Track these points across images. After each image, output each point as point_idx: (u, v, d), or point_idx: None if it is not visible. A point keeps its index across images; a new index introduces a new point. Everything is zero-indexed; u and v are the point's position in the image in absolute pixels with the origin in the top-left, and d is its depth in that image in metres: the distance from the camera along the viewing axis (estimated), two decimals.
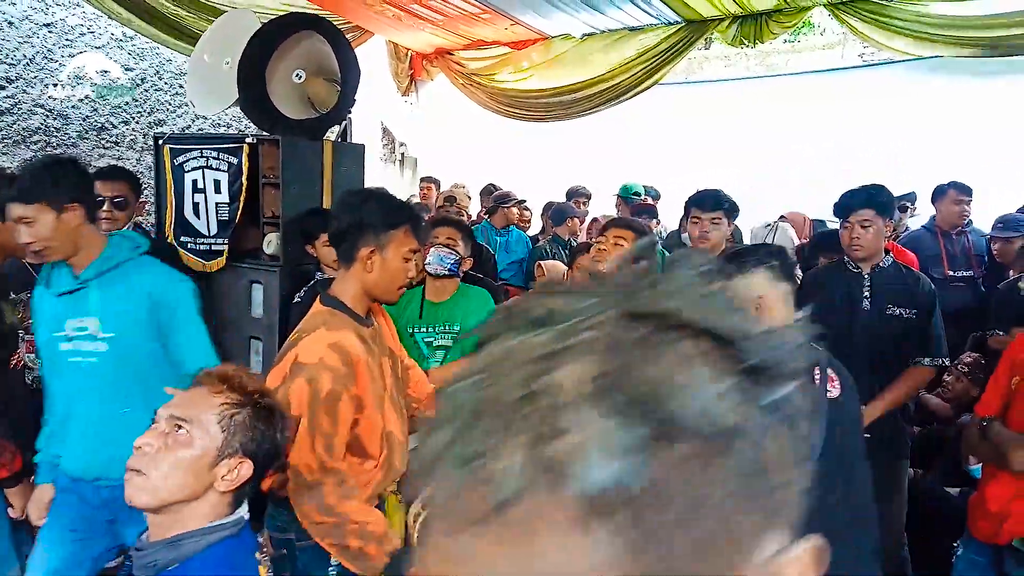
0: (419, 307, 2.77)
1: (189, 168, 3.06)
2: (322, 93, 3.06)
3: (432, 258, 2.68)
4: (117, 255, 2.11)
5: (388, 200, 1.94)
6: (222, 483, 1.22)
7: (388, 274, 1.89)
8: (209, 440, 1.21)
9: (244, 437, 1.24)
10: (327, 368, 1.71)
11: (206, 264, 3.06)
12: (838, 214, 2.83)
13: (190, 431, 1.21)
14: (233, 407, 1.25)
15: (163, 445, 1.19)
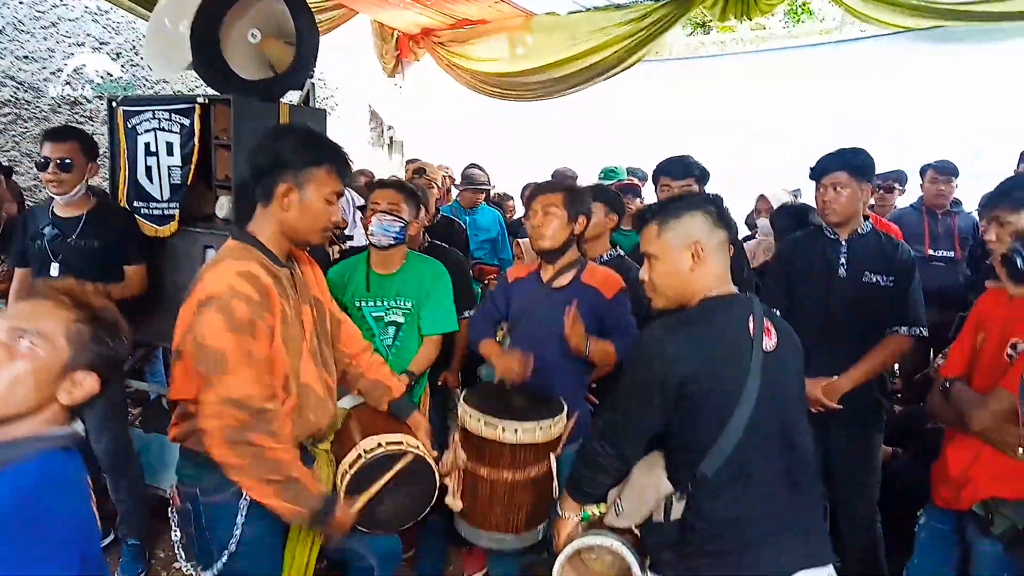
0: (364, 279, 2.65)
1: (142, 131, 2.96)
2: (279, 55, 2.95)
3: (375, 227, 2.57)
4: None
5: (308, 136, 1.83)
6: (66, 396, 1.20)
7: (308, 215, 1.78)
8: (55, 353, 1.18)
9: (91, 351, 1.22)
10: (239, 296, 1.60)
11: (158, 229, 2.96)
12: (812, 177, 2.71)
13: (35, 343, 1.16)
14: (79, 321, 1.21)
15: (8, 356, 1.14)
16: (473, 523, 2.26)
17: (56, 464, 1.16)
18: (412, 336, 2.66)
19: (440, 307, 2.68)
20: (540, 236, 2.42)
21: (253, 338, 1.62)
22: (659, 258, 1.70)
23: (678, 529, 1.60)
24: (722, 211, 1.71)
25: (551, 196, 2.43)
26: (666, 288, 1.71)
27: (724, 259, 1.70)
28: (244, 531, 1.73)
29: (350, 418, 2.11)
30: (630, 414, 1.66)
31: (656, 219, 1.70)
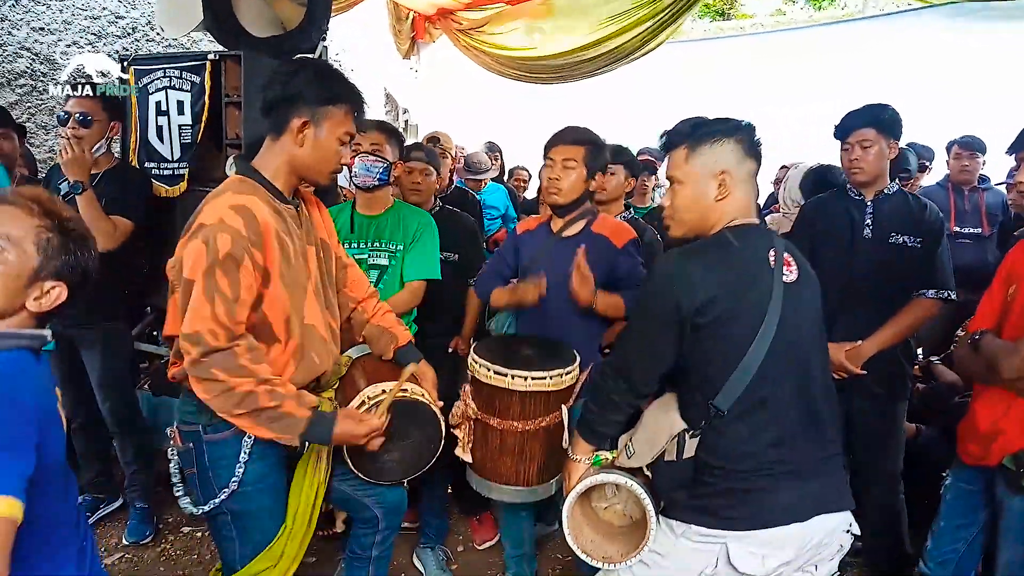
0: (349, 220, 2.59)
1: (153, 89, 2.94)
2: (290, 13, 2.92)
3: (358, 168, 2.50)
4: None
5: (330, 72, 1.78)
6: (34, 304, 1.21)
7: (320, 152, 1.74)
8: (25, 259, 1.19)
9: (60, 261, 1.22)
10: (226, 229, 1.55)
11: (169, 189, 2.94)
12: (838, 136, 2.62)
13: (4, 247, 1.17)
14: (48, 230, 1.22)
15: None
16: (484, 475, 2.21)
17: (22, 359, 1.18)
18: (395, 281, 2.58)
19: (424, 253, 2.59)
20: (556, 190, 2.34)
21: (230, 275, 1.56)
22: (684, 184, 1.62)
23: (691, 467, 1.53)
24: (754, 140, 1.62)
25: (572, 149, 2.34)
26: (686, 215, 1.64)
27: (750, 189, 1.63)
28: (247, 469, 1.69)
29: (354, 366, 2.06)
30: (644, 345, 1.60)
31: (686, 143, 1.62)
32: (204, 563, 2.87)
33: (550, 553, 3.00)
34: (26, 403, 1.11)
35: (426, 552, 2.87)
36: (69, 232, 1.24)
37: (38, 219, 1.21)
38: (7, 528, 1.02)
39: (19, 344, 1.19)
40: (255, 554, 1.76)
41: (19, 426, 1.08)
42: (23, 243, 1.18)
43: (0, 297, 1.17)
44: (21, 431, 1.08)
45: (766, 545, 1.49)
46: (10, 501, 1.02)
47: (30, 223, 1.20)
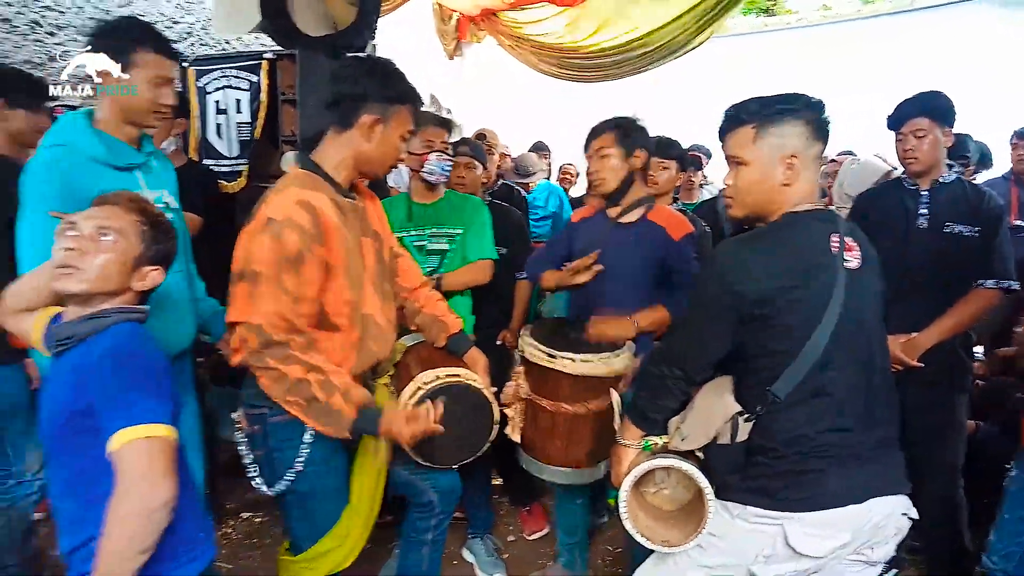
0: (406, 209, 2.65)
1: (212, 89, 3.04)
2: (342, 12, 2.99)
3: (435, 166, 2.57)
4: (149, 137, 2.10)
5: (397, 72, 1.83)
6: (138, 284, 1.46)
7: (385, 149, 1.81)
8: (131, 248, 1.44)
9: (155, 248, 1.48)
10: (294, 225, 1.61)
11: (228, 185, 3.04)
12: (891, 126, 2.58)
13: (116, 239, 1.42)
14: (145, 224, 1.47)
15: (95, 248, 1.39)
16: (534, 456, 2.24)
17: (139, 329, 1.43)
18: (455, 265, 2.65)
19: (484, 234, 2.69)
20: (599, 181, 2.38)
21: (295, 270, 1.62)
22: (749, 165, 1.58)
23: (744, 451, 1.53)
24: (823, 120, 1.57)
25: (602, 138, 2.38)
26: (749, 197, 1.61)
27: (816, 172, 1.59)
28: (311, 450, 1.74)
29: (408, 354, 2.11)
30: (698, 333, 1.59)
31: (753, 121, 1.57)
32: (263, 547, 2.95)
33: (600, 545, 3.02)
34: (158, 359, 1.38)
35: (475, 542, 2.91)
36: (159, 225, 1.50)
37: (135, 215, 1.46)
38: (171, 447, 1.28)
39: (131, 317, 1.43)
40: (321, 534, 1.82)
41: (160, 375, 1.34)
42: (129, 234, 1.43)
43: (115, 278, 1.41)
44: (162, 379, 1.34)
45: (824, 526, 1.48)
46: (170, 429, 1.29)
47: (130, 218, 1.45)
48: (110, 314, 1.40)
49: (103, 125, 1.91)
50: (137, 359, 1.34)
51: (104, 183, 1.85)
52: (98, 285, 1.39)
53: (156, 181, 2.08)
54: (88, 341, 1.37)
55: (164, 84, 1.92)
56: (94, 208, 1.46)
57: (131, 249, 1.43)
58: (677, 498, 1.77)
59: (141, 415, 1.25)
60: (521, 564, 2.89)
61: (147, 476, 1.21)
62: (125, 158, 1.95)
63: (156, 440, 1.25)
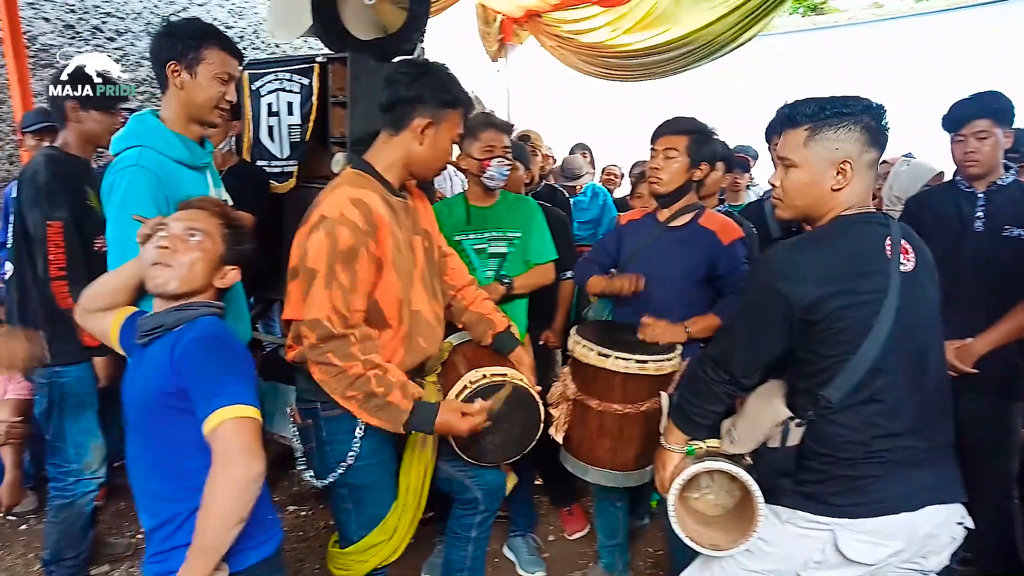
0: (465, 213, 2.68)
1: (265, 92, 3.11)
2: (391, 16, 3.04)
3: (496, 171, 2.59)
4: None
5: (449, 76, 1.87)
6: (219, 282, 1.59)
7: (436, 152, 1.86)
8: (216, 248, 1.57)
9: (234, 249, 1.60)
10: (347, 222, 1.66)
11: (278, 186, 3.10)
12: (949, 127, 2.53)
13: (203, 240, 1.55)
14: (225, 226, 1.60)
15: (185, 247, 1.53)
16: (580, 457, 2.25)
17: (218, 320, 1.56)
18: (517, 267, 2.67)
19: (544, 236, 2.72)
20: (656, 180, 2.38)
21: (348, 267, 1.66)
22: (799, 168, 1.56)
23: (795, 455, 1.52)
24: (881, 126, 1.53)
25: (674, 139, 2.35)
26: (797, 200, 1.59)
27: (870, 178, 1.55)
28: (362, 444, 1.78)
29: (455, 353, 2.14)
30: (747, 337, 1.58)
31: (807, 123, 1.54)
32: (308, 540, 3.02)
33: (641, 547, 3.01)
34: (241, 347, 1.51)
35: (516, 540, 2.93)
36: (238, 227, 1.63)
37: (217, 218, 1.59)
38: (259, 428, 1.37)
39: (213, 311, 1.56)
40: (370, 528, 1.86)
41: (246, 362, 1.48)
42: (214, 236, 1.56)
43: (202, 276, 1.54)
44: (248, 365, 1.47)
45: (876, 534, 1.46)
46: (257, 410, 1.38)
47: (214, 221, 1.58)
48: (196, 307, 1.52)
49: (171, 124, 1.96)
50: (226, 346, 1.47)
51: (184, 183, 1.94)
52: (187, 283, 1.51)
53: (217, 180, 2.16)
54: (175, 331, 1.47)
55: (229, 81, 1.97)
56: (182, 211, 1.59)
57: (215, 249, 1.56)
58: (721, 503, 1.77)
59: (235, 396, 1.35)
60: (561, 564, 2.90)
61: (245, 450, 1.30)
62: (199, 158, 2.02)
63: (248, 420, 1.34)
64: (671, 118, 2.42)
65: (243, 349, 1.51)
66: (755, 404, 1.61)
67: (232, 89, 1.99)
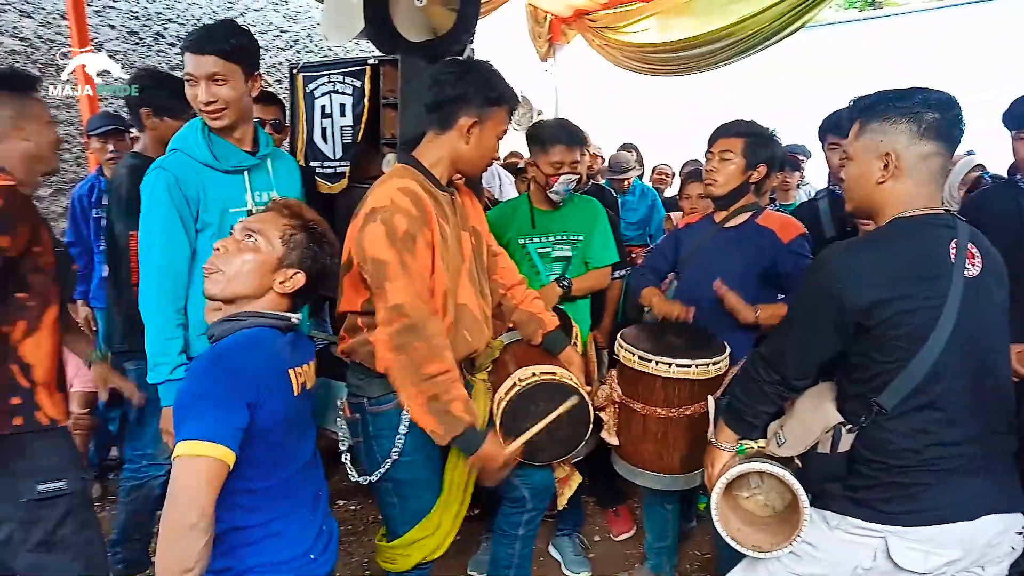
0: (529, 216, 2.70)
1: (318, 94, 3.18)
2: (441, 18, 3.08)
3: (561, 187, 2.61)
4: (269, 138, 2.24)
5: (494, 74, 1.89)
6: (279, 286, 1.49)
7: (481, 150, 1.89)
8: (272, 250, 1.48)
9: (300, 253, 1.50)
10: (399, 209, 1.69)
11: (331, 186, 3.16)
12: (1011, 124, 2.44)
13: (258, 240, 1.47)
14: (293, 228, 1.50)
15: (236, 248, 1.47)
16: (627, 460, 2.25)
17: (261, 335, 1.44)
18: (579, 269, 2.70)
19: (606, 238, 2.73)
20: (711, 181, 2.36)
21: (411, 251, 1.69)
22: (852, 160, 1.57)
23: (846, 461, 1.49)
24: (943, 118, 1.46)
25: (730, 141, 2.33)
26: (852, 192, 1.59)
27: (928, 174, 1.49)
28: (407, 440, 1.81)
29: (505, 351, 2.16)
30: (801, 339, 1.56)
31: (859, 117, 1.55)
32: (357, 533, 3.08)
33: (688, 550, 2.98)
34: (245, 369, 1.34)
35: (563, 540, 2.93)
36: (311, 230, 1.52)
37: (287, 220, 1.50)
38: (219, 470, 1.24)
39: (265, 322, 1.46)
40: (415, 522, 1.89)
41: (235, 388, 1.31)
42: (272, 237, 1.47)
43: (253, 277, 1.45)
44: (236, 392, 1.30)
45: (929, 542, 1.43)
46: (223, 449, 1.25)
47: (280, 222, 1.50)
48: (245, 317, 1.44)
49: (216, 130, 2.06)
50: (223, 370, 1.32)
51: (210, 185, 2.04)
52: (233, 286, 1.44)
53: (265, 182, 2.21)
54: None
55: (192, 82, 1.99)
56: (256, 213, 1.56)
57: (272, 251, 1.47)
58: (772, 504, 1.75)
59: (197, 430, 1.24)
60: (607, 564, 2.89)
61: (185, 495, 1.21)
62: (231, 161, 2.10)
63: (203, 460, 1.22)
64: (729, 120, 2.39)
65: (249, 374, 1.34)
66: (805, 407, 1.59)
67: (202, 89, 1.97)
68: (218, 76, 1.97)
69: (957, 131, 1.49)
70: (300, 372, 1.51)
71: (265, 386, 1.36)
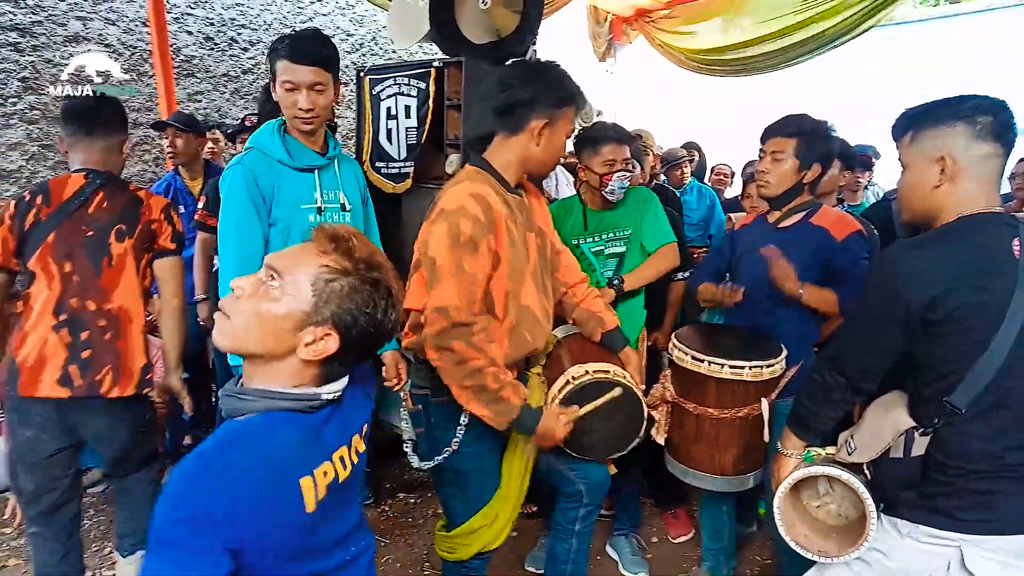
0: (582, 217, 2.71)
1: (384, 96, 3.26)
2: (505, 21, 3.11)
3: (616, 186, 2.61)
4: (337, 141, 2.34)
5: (563, 75, 1.92)
6: (304, 351, 1.07)
7: (551, 150, 1.92)
8: (296, 301, 1.06)
9: (338, 307, 1.07)
10: (467, 215, 1.72)
11: (395, 186, 3.24)
12: None
13: (280, 286, 1.06)
14: (334, 272, 1.07)
15: (254, 292, 1.08)
16: (679, 460, 2.24)
17: (274, 429, 1.05)
18: (635, 260, 2.68)
19: (656, 220, 2.69)
20: (763, 183, 2.31)
21: (471, 255, 1.72)
22: (907, 168, 1.55)
23: (919, 466, 1.46)
24: (998, 121, 1.45)
25: (782, 140, 2.27)
26: (911, 201, 1.56)
27: (987, 175, 1.47)
28: (467, 431, 1.85)
29: (560, 346, 2.18)
30: (865, 340, 1.53)
31: (913, 124, 1.54)
32: (417, 525, 3.15)
33: (748, 555, 2.94)
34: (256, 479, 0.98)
35: (620, 539, 2.93)
36: (359, 276, 1.09)
37: (328, 259, 1.08)
38: None
39: (285, 406, 1.07)
40: (473, 512, 1.94)
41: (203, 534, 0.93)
42: (300, 283, 1.06)
43: (267, 335, 1.06)
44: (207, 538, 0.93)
45: (1008, 552, 1.39)
46: None
47: (316, 262, 1.07)
48: (260, 397, 1.07)
49: (288, 129, 2.19)
50: (211, 483, 0.95)
51: (284, 182, 2.15)
52: (245, 343, 1.07)
53: (333, 182, 2.30)
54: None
55: (293, 89, 2.07)
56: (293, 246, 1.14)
57: (297, 303, 1.06)
58: (845, 514, 1.72)
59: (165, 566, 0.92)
60: (664, 566, 2.88)
61: None
62: (303, 160, 2.20)
63: None
64: (781, 118, 2.33)
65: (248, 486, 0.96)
66: (875, 413, 1.56)
67: (303, 97, 2.07)
68: (318, 84, 2.07)
69: (1012, 133, 1.48)
70: (340, 456, 1.15)
71: (255, 522, 0.97)
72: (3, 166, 4.10)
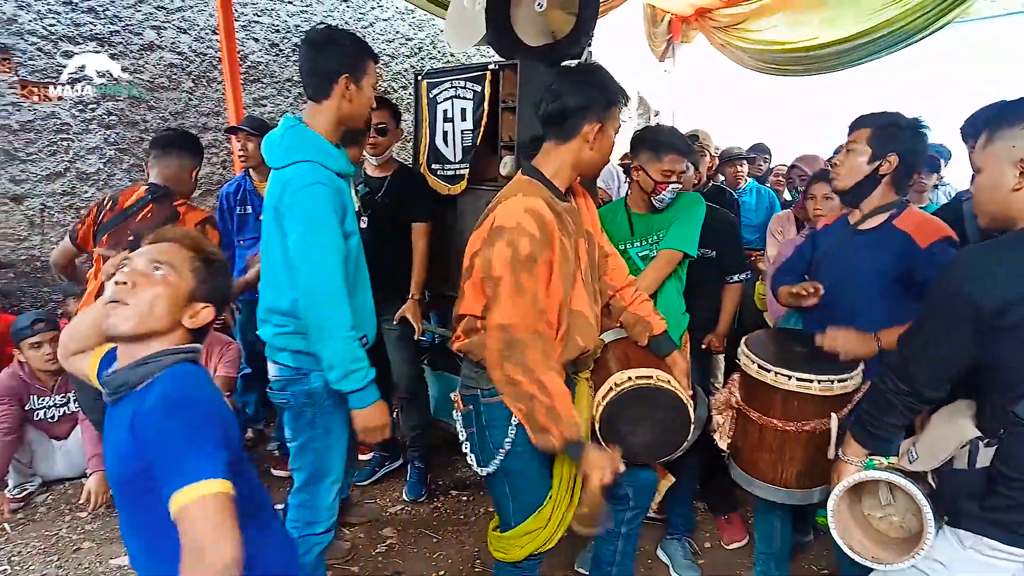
0: (627, 222, 2.70)
1: (441, 99, 3.31)
2: (560, 23, 3.12)
3: (666, 195, 2.59)
4: None
5: (609, 77, 1.92)
6: (189, 321, 1.41)
7: (603, 152, 1.93)
8: (183, 283, 1.40)
9: (207, 285, 1.44)
10: (525, 232, 1.74)
11: (451, 188, 3.29)
12: None
13: (167, 274, 1.39)
14: (199, 260, 1.44)
15: (145, 282, 1.37)
16: (742, 467, 2.20)
17: (189, 369, 1.37)
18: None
19: (684, 226, 2.61)
20: (835, 175, 2.23)
21: (530, 273, 1.74)
22: (982, 171, 1.49)
23: (984, 477, 1.41)
24: None
25: (857, 132, 2.18)
26: (986, 205, 1.50)
27: None
28: (519, 432, 1.86)
29: (607, 350, 2.17)
30: (932, 345, 1.48)
31: (987, 127, 1.49)
32: (469, 523, 3.18)
33: (804, 564, 2.88)
34: (215, 400, 1.33)
35: (672, 543, 2.90)
36: (213, 261, 1.48)
37: (189, 250, 1.44)
38: (228, 502, 1.19)
39: (183, 357, 1.38)
40: (527, 514, 1.94)
41: (217, 421, 1.27)
42: (181, 269, 1.41)
43: (165, 313, 1.37)
44: (217, 425, 1.26)
45: None
46: (225, 482, 1.20)
47: (186, 255, 1.43)
48: (161, 357, 1.35)
49: (326, 135, 2.02)
50: (189, 408, 1.26)
51: (345, 193, 2.04)
52: (145, 322, 1.35)
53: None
54: (142, 388, 1.32)
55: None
56: (148, 244, 1.46)
57: (183, 284, 1.40)
58: (907, 526, 1.67)
59: (194, 472, 1.18)
60: (716, 572, 2.84)
61: (208, 538, 1.14)
62: (350, 168, 2.10)
63: (211, 498, 1.16)
64: (862, 114, 2.22)
65: (212, 405, 1.31)
66: (939, 421, 1.52)
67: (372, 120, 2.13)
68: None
69: None
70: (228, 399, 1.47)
71: (226, 417, 1.32)
72: (83, 168, 4.33)
